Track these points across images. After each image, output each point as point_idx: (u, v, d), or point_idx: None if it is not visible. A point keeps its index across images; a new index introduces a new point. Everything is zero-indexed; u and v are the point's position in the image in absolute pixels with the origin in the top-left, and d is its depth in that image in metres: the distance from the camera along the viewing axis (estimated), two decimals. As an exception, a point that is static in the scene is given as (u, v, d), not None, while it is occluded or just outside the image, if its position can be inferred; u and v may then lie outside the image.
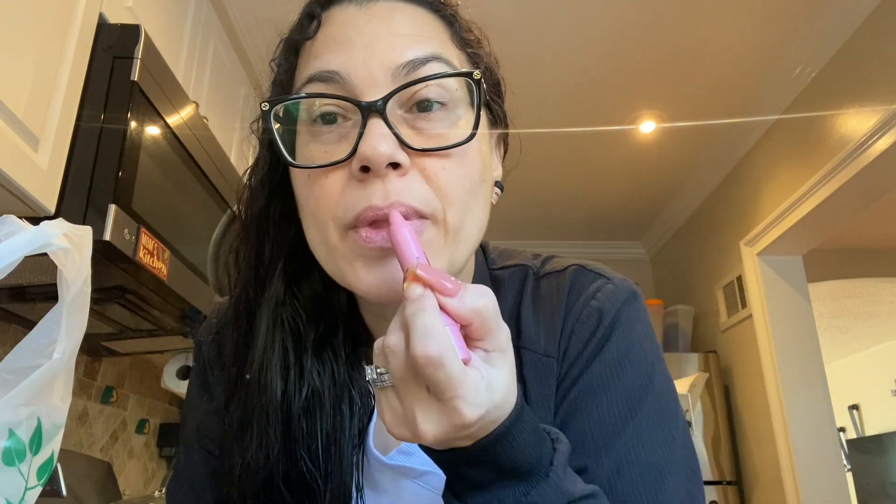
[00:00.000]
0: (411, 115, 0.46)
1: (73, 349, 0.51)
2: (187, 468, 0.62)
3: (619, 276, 0.55)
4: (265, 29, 2.20)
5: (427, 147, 0.45)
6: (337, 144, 0.45)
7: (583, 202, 3.43)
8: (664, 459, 0.47)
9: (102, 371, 1.81)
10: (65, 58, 1.09)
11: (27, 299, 1.26)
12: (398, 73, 0.45)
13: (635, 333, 0.51)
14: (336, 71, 0.46)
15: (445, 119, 0.46)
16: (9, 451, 0.48)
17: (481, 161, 0.49)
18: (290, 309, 0.52)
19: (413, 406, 0.37)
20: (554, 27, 2.19)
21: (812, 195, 2.30)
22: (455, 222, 0.46)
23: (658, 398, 0.50)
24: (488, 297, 0.38)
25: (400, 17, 0.48)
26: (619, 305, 0.52)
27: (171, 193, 1.32)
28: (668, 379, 0.51)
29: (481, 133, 0.48)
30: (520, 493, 0.39)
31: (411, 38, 0.47)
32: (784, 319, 2.63)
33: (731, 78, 2.42)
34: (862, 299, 4.67)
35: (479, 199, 0.49)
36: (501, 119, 0.56)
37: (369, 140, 0.43)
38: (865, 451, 5.77)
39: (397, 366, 0.37)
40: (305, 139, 0.47)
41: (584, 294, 0.52)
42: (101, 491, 1.59)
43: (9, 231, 0.48)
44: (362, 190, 0.44)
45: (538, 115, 2.67)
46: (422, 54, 0.46)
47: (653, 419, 0.48)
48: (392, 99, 0.44)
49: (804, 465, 2.45)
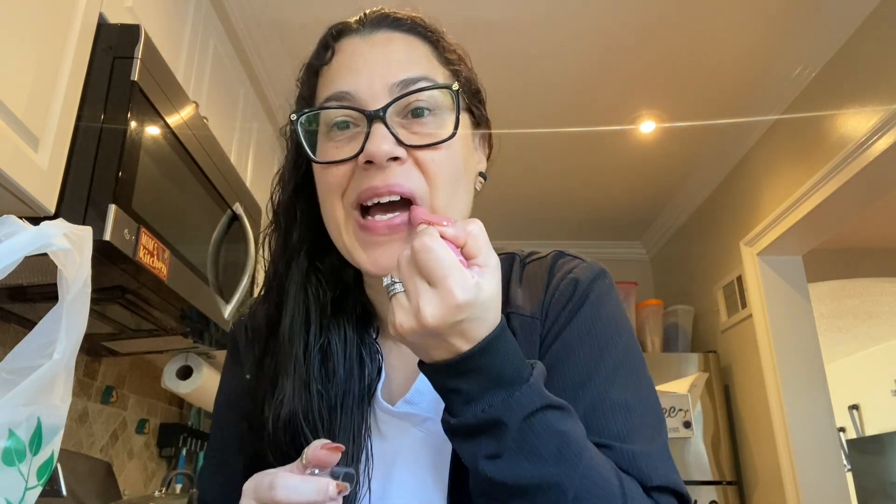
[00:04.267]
0: (407, 121, 0.58)
1: (73, 349, 0.51)
2: (216, 442, 0.72)
3: (591, 260, 0.66)
4: (265, 29, 2.21)
5: (418, 143, 0.57)
6: (347, 144, 0.58)
7: (583, 202, 3.44)
8: (632, 398, 0.57)
9: (102, 371, 1.81)
10: (65, 58, 1.09)
11: (27, 299, 1.26)
12: (394, 90, 0.58)
13: (606, 299, 0.61)
14: (347, 91, 0.59)
15: (434, 122, 0.59)
16: (9, 451, 0.48)
17: (464, 155, 0.61)
18: (314, 279, 0.64)
19: (416, 296, 0.47)
20: (554, 28, 2.19)
21: (812, 195, 2.30)
22: (440, 204, 0.58)
23: (625, 350, 0.59)
24: (477, 224, 0.50)
25: (395, 46, 0.61)
26: (592, 278, 0.62)
27: (171, 193, 1.32)
28: (634, 340, 0.61)
29: (463, 132, 0.61)
30: (506, 394, 0.48)
31: (403, 62, 0.60)
32: (784, 319, 2.63)
33: (731, 78, 2.43)
34: (862, 299, 4.67)
35: (462, 185, 0.61)
36: (483, 121, 0.68)
37: (373, 140, 0.55)
38: (865, 451, 5.77)
39: (404, 266, 0.48)
40: (324, 141, 0.60)
41: (563, 269, 0.63)
42: (101, 491, 1.59)
43: (9, 231, 0.48)
44: (365, 176, 0.56)
45: (538, 114, 2.67)
46: (412, 75, 0.59)
47: (621, 366, 0.58)
48: (390, 109, 0.57)
49: (804, 465, 2.45)
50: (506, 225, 3.65)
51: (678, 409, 2.80)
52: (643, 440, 0.55)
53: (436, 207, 0.58)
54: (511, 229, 3.71)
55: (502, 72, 2.40)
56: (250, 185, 1.94)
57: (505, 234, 3.76)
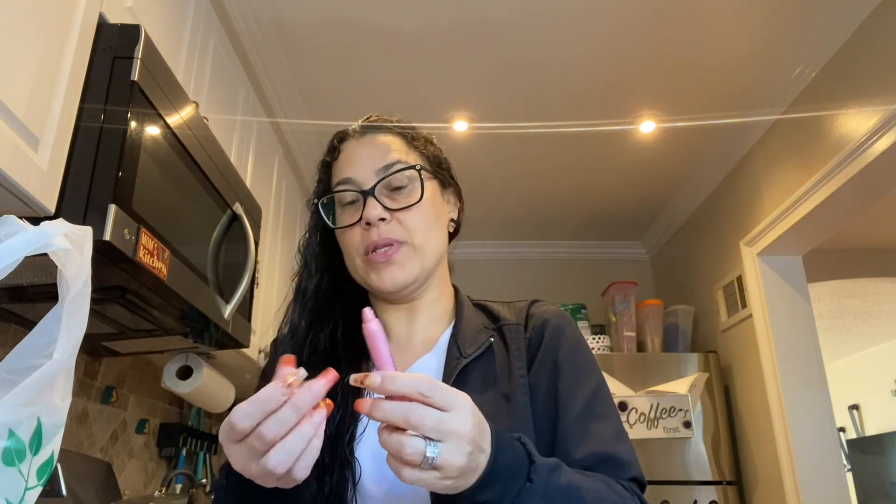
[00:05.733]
0: (390, 192, 0.84)
1: (73, 349, 0.51)
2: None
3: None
4: (265, 29, 2.21)
5: (397, 207, 0.83)
6: (355, 214, 0.84)
7: (583, 202, 3.44)
8: (611, 410, 0.80)
9: (102, 371, 1.81)
10: (65, 58, 1.09)
11: (27, 299, 1.26)
12: (379, 172, 0.84)
13: (577, 330, 0.88)
14: (350, 177, 0.86)
15: (408, 191, 0.85)
16: (9, 451, 0.48)
17: (434, 209, 0.87)
18: (333, 292, 0.90)
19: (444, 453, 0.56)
20: (555, 29, 2.19)
21: (812, 195, 2.30)
22: (419, 243, 0.84)
23: (599, 373, 0.84)
24: (418, 378, 0.56)
25: (378, 143, 0.88)
26: (561, 314, 0.88)
27: (171, 193, 1.32)
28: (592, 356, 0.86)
29: (431, 194, 0.86)
30: (522, 480, 0.61)
31: (385, 153, 0.86)
32: (784, 319, 2.63)
33: (731, 78, 2.43)
34: (862, 299, 4.67)
35: (435, 230, 0.86)
36: (448, 181, 0.93)
37: (367, 210, 0.82)
38: (865, 451, 5.78)
39: (412, 445, 0.55)
40: (339, 213, 0.87)
41: (540, 305, 0.90)
42: (101, 491, 1.59)
43: (9, 231, 0.48)
44: (367, 234, 0.83)
45: (538, 114, 2.67)
46: (390, 161, 0.85)
47: (601, 387, 0.82)
48: (378, 187, 0.83)
49: (804, 465, 2.45)
50: (506, 225, 3.65)
51: (678, 409, 2.80)
52: (622, 441, 0.76)
53: (416, 245, 0.83)
54: (511, 229, 3.71)
55: (502, 71, 2.40)
56: (250, 185, 1.94)
57: (505, 234, 3.76)
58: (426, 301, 0.89)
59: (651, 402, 2.81)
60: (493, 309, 0.89)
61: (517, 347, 0.82)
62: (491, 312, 0.88)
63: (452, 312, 0.90)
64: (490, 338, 0.83)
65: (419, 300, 0.88)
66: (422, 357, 0.84)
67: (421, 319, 0.88)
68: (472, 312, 0.89)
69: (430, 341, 0.86)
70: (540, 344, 0.82)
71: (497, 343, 0.83)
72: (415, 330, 0.88)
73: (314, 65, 2.39)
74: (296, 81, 2.49)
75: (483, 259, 3.81)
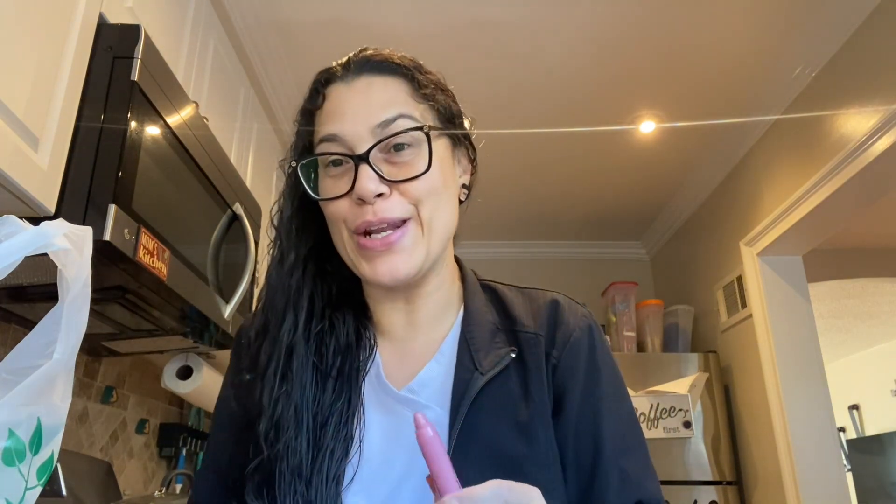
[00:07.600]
0: (389, 154, 0.67)
1: (73, 349, 0.51)
2: (212, 443, 0.77)
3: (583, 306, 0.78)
4: (265, 29, 2.20)
5: (399, 179, 0.66)
6: (342, 178, 0.67)
7: (583, 202, 3.44)
8: (641, 443, 0.73)
9: (102, 371, 1.81)
10: (65, 58, 1.09)
11: (27, 299, 1.26)
12: (376, 131, 0.66)
13: (603, 344, 0.74)
14: (336, 133, 0.67)
15: (412, 153, 0.67)
16: (9, 451, 0.48)
17: (443, 177, 0.69)
18: (322, 276, 0.74)
19: None
20: (555, 29, 2.19)
21: (812, 195, 2.30)
22: (427, 215, 0.67)
23: (626, 396, 0.74)
24: (496, 488, 0.51)
25: (374, 89, 0.69)
26: (589, 329, 0.74)
27: (171, 193, 1.32)
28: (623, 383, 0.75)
29: (441, 156, 0.69)
30: None
31: (382, 104, 0.68)
32: (784, 319, 2.63)
33: (731, 78, 2.43)
34: (862, 299, 4.67)
35: (445, 199, 0.69)
36: (461, 139, 0.75)
37: (361, 181, 0.64)
38: (865, 451, 5.77)
39: None
40: (323, 176, 0.70)
41: (563, 311, 0.75)
42: (101, 491, 1.59)
43: (9, 231, 0.48)
44: (359, 210, 0.66)
45: (538, 114, 2.67)
46: (390, 115, 0.67)
47: (631, 416, 0.74)
48: (373, 150, 0.65)
49: (804, 465, 2.45)
50: (506, 225, 3.64)
51: (678, 409, 2.80)
52: (650, 475, 0.71)
53: (423, 220, 0.67)
54: (511, 229, 3.71)
55: (503, 72, 2.40)
56: (250, 185, 1.94)
57: (505, 234, 3.76)
58: (429, 288, 0.73)
59: (651, 402, 2.81)
60: (507, 300, 0.75)
61: (537, 367, 0.68)
62: (504, 306, 0.74)
63: (459, 299, 0.76)
64: (511, 353, 0.69)
65: (421, 288, 0.72)
66: (426, 365, 0.71)
67: (423, 312, 0.73)
68: (483, 303, 0.74)
69: (433, 343, 0.72)
70: (573, 376, 0.69)
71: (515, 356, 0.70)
72: (416, 326, 0.73)
73: (314, 65, 2.38)
74: (296, 81, 2.49)
75: (483, 259, 3.80)
